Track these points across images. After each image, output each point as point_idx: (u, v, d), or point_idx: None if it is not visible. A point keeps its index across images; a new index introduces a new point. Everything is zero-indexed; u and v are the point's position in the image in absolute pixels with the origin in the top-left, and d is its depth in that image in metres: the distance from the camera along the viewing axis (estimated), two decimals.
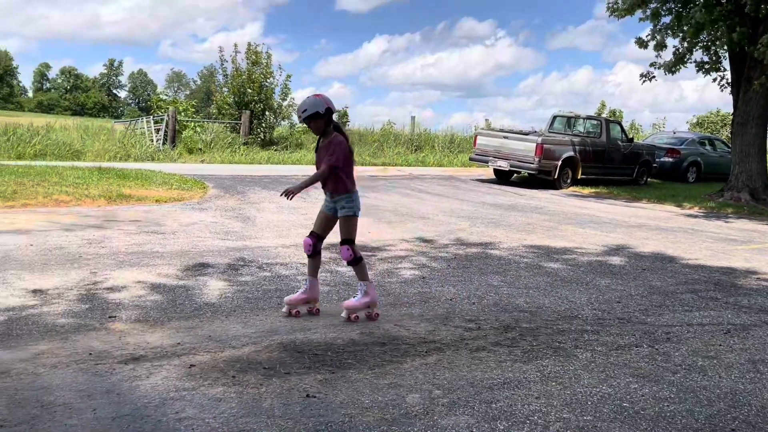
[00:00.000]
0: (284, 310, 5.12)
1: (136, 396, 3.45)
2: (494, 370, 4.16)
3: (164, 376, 3.74)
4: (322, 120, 5.02)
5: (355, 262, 5.10)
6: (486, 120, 27.23)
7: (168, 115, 19.69)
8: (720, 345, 4.95)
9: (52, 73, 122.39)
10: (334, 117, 5.13)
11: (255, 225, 9.02)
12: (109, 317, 4.76)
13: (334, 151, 4.99)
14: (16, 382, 3.55)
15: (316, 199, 11.95)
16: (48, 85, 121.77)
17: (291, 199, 4.89)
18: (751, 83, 15.03)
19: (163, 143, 19.52)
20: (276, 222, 9.34)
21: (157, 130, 20.31)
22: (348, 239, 5.09)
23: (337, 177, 5.06)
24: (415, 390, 3.77)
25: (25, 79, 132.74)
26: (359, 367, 4.08)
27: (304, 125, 5.41)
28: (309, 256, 5.20)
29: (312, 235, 5.19)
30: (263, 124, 21.71)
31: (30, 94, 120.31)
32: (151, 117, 21.71)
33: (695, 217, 13.25)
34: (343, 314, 5.06)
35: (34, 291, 5.29)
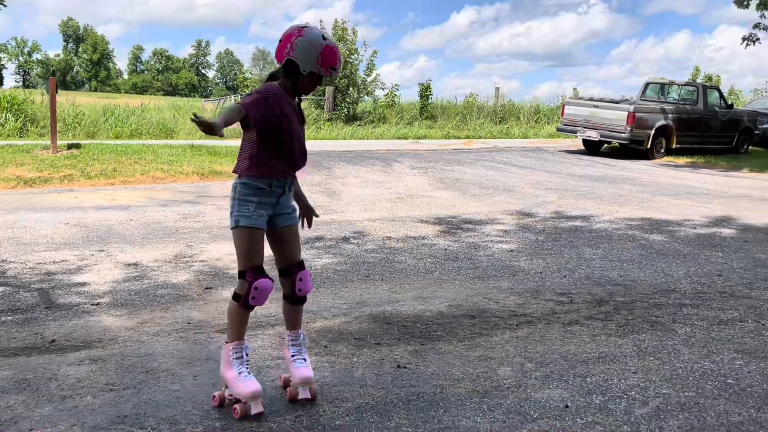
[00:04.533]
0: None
1: None
2: (588, 344, 4.05)
3: (259, 345, 3.85)
4: None
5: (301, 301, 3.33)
6: (574, 89, 26.41)
7: None
8: None
9: (145, 56, 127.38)
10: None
11: (341, 199, 9.11)
12: (206, 288, 4.94)
13: None
14: (123, 349, 3.74)
15: (400, 173, 11.98)
16: (141, 67, 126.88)
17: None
18: None
19: None
20: (361, 196, 9.41)
21: None
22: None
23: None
24: (506, 363, 3.72)
25: (121, 62, 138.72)
26: (449, 339, 4.07)
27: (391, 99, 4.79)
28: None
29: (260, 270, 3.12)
30: (347, 100, 21.84)
31: (125, 76, 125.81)
32: (239, 95, 22.24)
33: None
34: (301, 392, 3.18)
35: (136, 263, 5.55)
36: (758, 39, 16.07)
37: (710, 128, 17.35)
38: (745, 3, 15.74)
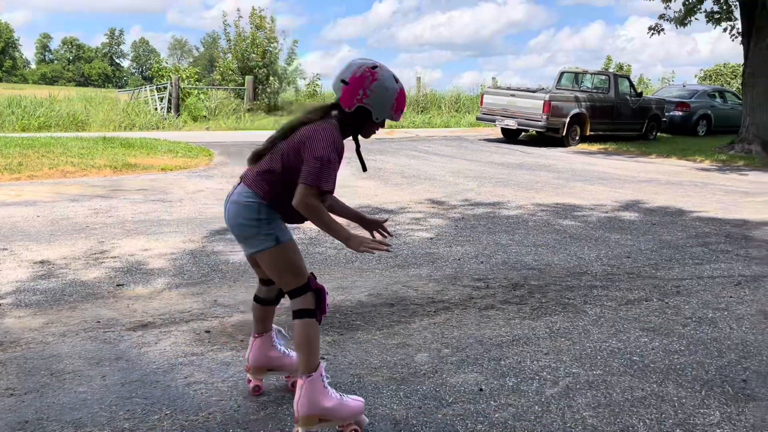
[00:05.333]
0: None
1: (144, 362, 3.46)
2: (503, 328, 4.14)
3: (172, 341, 3.75)
4: None
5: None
6: (493, 79, 26.90)
7: (171, 83, 19.56)
8: (730, 297, 4.91)
9: (54, 44, 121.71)
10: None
11: None
12: (117, 285, 4.77)
13: None
14: (26, 351, 3.57)
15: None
16: (51, 56, 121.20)
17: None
18: (762, 33, 14.72)
19: (167, 111, 19.43)
20: None
21: (161, 99, 20.20)
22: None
23: None
24: (423, 349, 3.76)
25: (28, 51, 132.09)
26: (367, 328, 4.07)
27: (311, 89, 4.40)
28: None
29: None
30: (268, 90, 21.53)
31: (33, 66, 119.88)
32: (155, 85, 21.58)
33: (706, 170, 13.11)
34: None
35: (42, 261, 5.30)
36: (663, 29, 16.79)
37: (621, 116, 18.04)
38: None
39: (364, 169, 3.03)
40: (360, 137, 2.89)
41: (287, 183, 2.71)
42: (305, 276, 2.78)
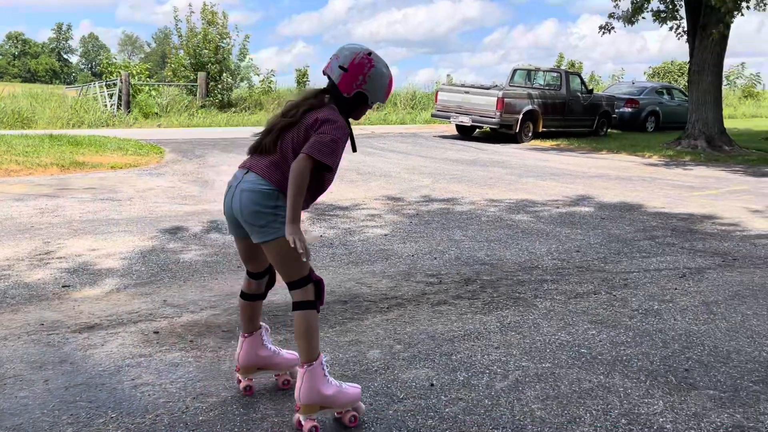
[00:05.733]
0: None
1: (90, 365, 3.38)
2: (455, 323, 4.17)
3: (119, 343, 3.67)
4: None
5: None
6: (448, 76, 27.06)
7: (121, 80, 19.15)
8: (675, 289, 5.05)
9: None
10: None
11: (214, 188, 8.86)
12: (63, 287, 4.65)
13: None
14: None
15: None
16: None
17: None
18: (706, 31, 15.14)
19: (117, 108, 19.01)
20: None
21: (110, 95, 19.76)
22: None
23: None
24: (376, 346, 3.76)
25: None
26: (320, 325, 4.05)
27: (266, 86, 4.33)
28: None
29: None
30: (220, 86, 21.25)
31: None
32: (104, 82, 21.09)
33: (654, 165, 13.43)
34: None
35: None
36: (613, 28, 17.09)
37: (573, 112, 18.35)
38: None
39: (354, 149, 3.11)
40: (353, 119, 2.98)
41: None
42: (308, 267, 2.81)
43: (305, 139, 2.75)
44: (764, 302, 4.75)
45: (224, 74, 21.40)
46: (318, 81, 24.03)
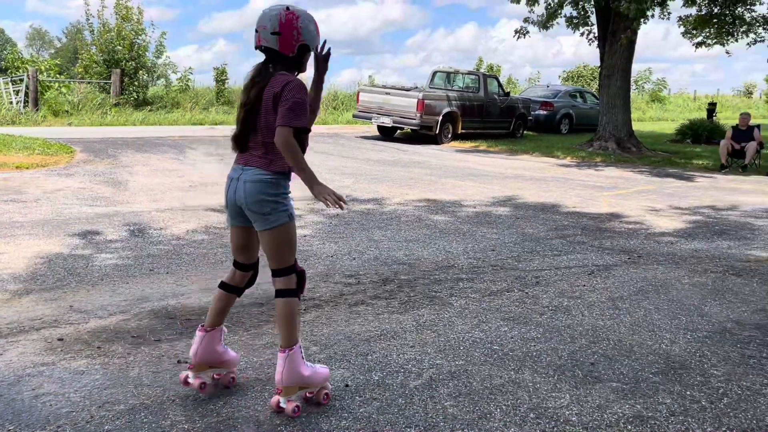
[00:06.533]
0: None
1: None
2: (372, 323, 4.19)
3: (20, 351, 3.50)
4: None
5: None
6: (370, 77, 27.16)
7: (28, 76, 18.27)
8: (584, 285, 5.24)
9: None
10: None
11: (127, 189, 8.59)
12: None
13: None
14: None
15: (195, 160, 11.54)
16: None
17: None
18: (616, 37, 15.79)
19: (24, 106, 18.13)
20: (150, 186, 8.93)
21: (17, 92, 18.82)
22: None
23: None
24: None
25: None
26: (235, 329, 3.99)
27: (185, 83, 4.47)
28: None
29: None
30: (136, 84, 20.61)
31: None
32: (9, 78, 20.06)
33: (567, 166, 13.90)
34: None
35: None
36: (528, 32, 17.58)
37: (491, 114, 18.77)
38: None
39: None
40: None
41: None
42: (294, 257, 3.02)
43: (274, 114, 2.87)
44: (665, 297, 5.00)
45: (140, 72, 20.76)
46: (238, 78, 23.66)
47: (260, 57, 3.04)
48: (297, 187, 3.06)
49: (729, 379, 3.55)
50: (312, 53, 3.07)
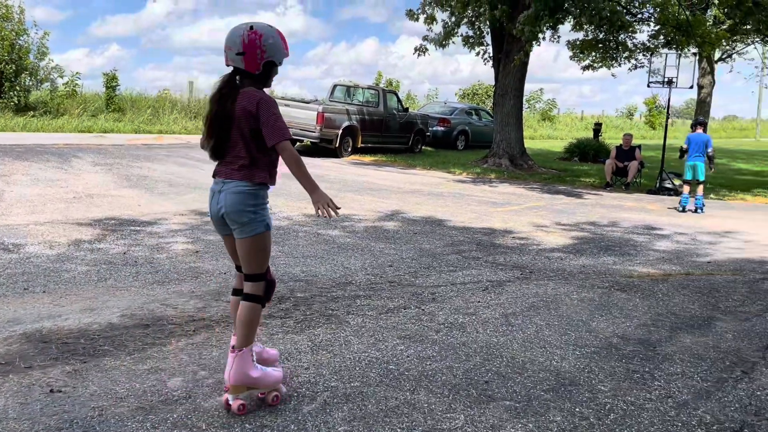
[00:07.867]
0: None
1: None
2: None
3: None
4: None
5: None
6: (270, 88, 26.72)
7: None
8: (479, 301, 5.31)
9: None
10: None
11: (3, 200, 7.99)
12: None
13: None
14: None
15: (80, 169, 10.91)
16: None
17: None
18: (510, 58, 16.34)
19: None
20: (29, 196, 8.35)
21: None
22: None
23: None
24: (178, 373, 3.54)
25: None
26: (116, 353, 3.74)
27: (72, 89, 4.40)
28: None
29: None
30: (17, 87, 19.35)
31: None
32: None
33: (463, 182, 14.21)
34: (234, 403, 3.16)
35: None
36: (427, 50, 17.91)
37: (390, 129, 18.95)
38: (416, 16, 17.45)
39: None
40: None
41: (262, 152, 3.15)
42: (266, 265, 3.23)
43: (248, 127, 3.09)
44: (555, 313, 5.13)
45: (22, 75, 19.52)
46: (134, 84, 22.65)
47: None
48: (190, 201, 2.90)
49: (615, 394, 3.66)
50: (278, 67, 3.26)
